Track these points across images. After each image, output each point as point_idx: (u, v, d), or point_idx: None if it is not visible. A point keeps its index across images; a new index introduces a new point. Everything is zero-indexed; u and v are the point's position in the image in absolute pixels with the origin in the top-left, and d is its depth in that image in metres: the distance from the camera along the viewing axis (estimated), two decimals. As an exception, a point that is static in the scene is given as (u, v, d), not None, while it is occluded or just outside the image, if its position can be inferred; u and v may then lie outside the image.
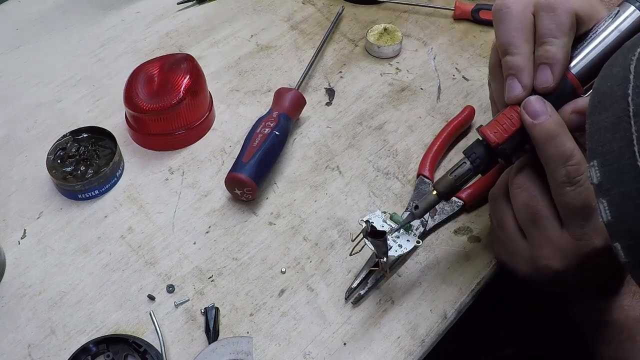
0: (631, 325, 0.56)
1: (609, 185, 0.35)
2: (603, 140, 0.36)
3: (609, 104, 0.36)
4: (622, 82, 0.35)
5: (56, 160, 0.70)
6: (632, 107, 0.34)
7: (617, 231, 0.35)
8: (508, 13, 0.53)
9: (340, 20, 0.88)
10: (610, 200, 0.35)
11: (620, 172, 0.34)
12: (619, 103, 0.35)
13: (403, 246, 0.58)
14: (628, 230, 0.34)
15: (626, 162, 0.34)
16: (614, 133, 0.35)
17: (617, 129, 0.35)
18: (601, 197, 0.36)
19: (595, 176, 0.36)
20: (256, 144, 0.66)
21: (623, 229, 0.35)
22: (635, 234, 0.34)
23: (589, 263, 0.52)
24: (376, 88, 0.79)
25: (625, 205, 0.34)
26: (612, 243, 0.36)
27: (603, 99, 0.37)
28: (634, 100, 0.34)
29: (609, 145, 0.35)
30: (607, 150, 0.35)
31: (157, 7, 0.92)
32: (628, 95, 0.35)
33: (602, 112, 0.36)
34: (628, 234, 0.35)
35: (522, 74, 0.52)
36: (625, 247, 0.35)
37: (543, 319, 0.74)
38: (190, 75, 0.71)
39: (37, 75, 0.83)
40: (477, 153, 0.54)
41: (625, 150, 0.34)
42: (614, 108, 0.35)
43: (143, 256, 0.64)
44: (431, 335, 0.58)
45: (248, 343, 0.57)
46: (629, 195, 0.34)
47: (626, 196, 0.34)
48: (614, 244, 0.36)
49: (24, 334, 0.59)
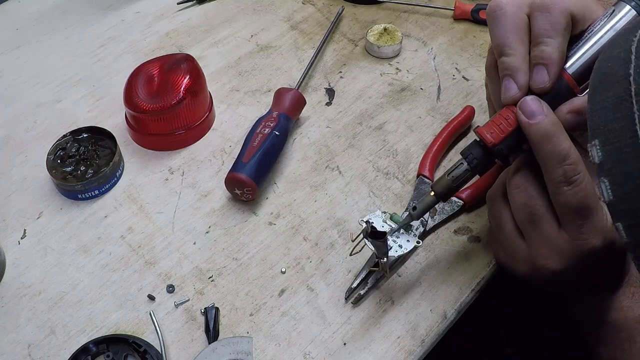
0: (630, 326, 0.56)
1: (610, 164, 0.35)
2: (604, 120, 0.36)
3: (610, 84, 0.36)
4: (624, 63, 0.35)
5: (56, 160, 0.70)
6: (634, 86, 0.34)
7: (619, 211, 0.35)
8: (502, 14, 0.53)
9: (340, 20, 0.88)
10: (612, 179, 0.35)
11: (621, 151, 0.34)
12: (620, 83, 0.35)
13: (403, 246, 0.58)
14: (630, 210, 0.34)
15: (628, 141, 0.34)
16: (615, 113, 0.35)
17: (619, 109, 0.35)
18: (603, 176, 0.36)
19: (596, 155, 0.36)
20: (256, 144, 0.66)
21: (625, 208, 0.35)
22: (637, 213, 0.34)
23: (587, 263, 0.52)
24: (376, 88, 0.79)
25: (627, 185, 0.34)
26: (614, 223, 0.36)
27: (604, 79, 0.37)
28: (635, 80, 0.34)
29: (610, 124, 0.35)
30: (609, 130, 0.35)
31: (157, 7, 0.92)
32: (629, 75, 0.35)
33: (603, 92, 0.36)
34: (630, 214, 0.34)
35: (518, 74, 0.53)
36: (627, 226, 0.35)
37: (543, 319, 0.74)
38: (190, 75, 0.71)
39: (37, 75, 0.83)
40: (474, 154, 0.54)
41: (626, 129, 0.34)
42: (615, 88, 0.35)
43: (143, 256, 0.64)
44: (431, 335, 0.58)
45: (248, 343, 0.57)
46: (630, 174, 0.34)
47: (628, 175, 0.34)
48: (615, 223, 0.35)
49: (24, 334, 0.59)
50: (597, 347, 0.58)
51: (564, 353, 0.71)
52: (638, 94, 0.34)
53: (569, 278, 0.53)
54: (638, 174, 0.33)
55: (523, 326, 0.77)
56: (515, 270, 0.57)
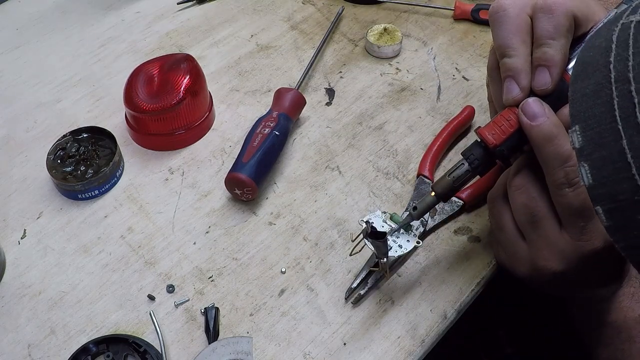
0: (630, 327, 0.56)
1: (590, 149, 0.36)
2: (585, 106, 0.37)
3: (591, 71, 0.37)
4: (605, 52, 0.36)
5: (56, 160, 0.70)
6: (614, 73, 0.35)
7: (598, 194, 0.36)
8: (505, 15, 0.53)
9: (340, 20, 0.88)
10: (592, 164, 0.36)
11: (601, 136, 0.35)
12: (601, 71, 0.36)
13: (403, 246, 0.58)
14: (609, 193, 0.35)
15: (607, 126, 0.35)
16: (596, 99, 0.36)
17: (599, 95, 0.36)
18: (582, 160, 0.37)
19: (577, 141, 0.37)
20: (256, 144, 0.66)
21: (604, 192, 0.35)
22: (616, 197, 0.35)
23: (589, 264, 0.52)
24: (376, 88, 0.79)
25: (606, 169, 0.35)
26: (594, 207, 0.36)
27: (585, 68, 0.38)
28: (615, 67, 0.35)
29: (590, 110, 0.36)
30: (589, 116, 0.36)
31: (157, 7, 0.92)
32: (610, 63, 0.35)
33: (584, 80, 0.37)
34: (608, 197, 0.35)
35: (520, 75, 0.53)
36: (606, 210, 0.36)
37: (543, 319, 0.74)
38: (190, 75, 0.71)
39: (37, 75, 0.83)
40: (475, 154, 0.54)
41: (606, 115, 0.35)
42: (595, 75, 0.36)
43: (143, 256, 0.64)
44: (431, 335, 0.58)
45: (248, 343, 0.57)
46: (609, 158, 0.35)
47: (607, 159, 0.35)
48: (595, 207, 0.36)
49: (24, 334, 0.59)
50: (597, 348, 0.59)
51: (564, 353, 0.71)
52: (618, 81, 0.35)
53: (570, 279, 0.53)
54: (617, 157, 0.34)
55: (523, 326, 0.77)
56: (516, 271, 0.57)
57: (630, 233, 0.35)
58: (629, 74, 0.34)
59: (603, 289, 0.57)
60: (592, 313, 0.58)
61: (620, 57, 0.35)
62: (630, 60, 0.34)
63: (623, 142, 0.34)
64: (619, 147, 0.34)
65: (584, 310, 0.59)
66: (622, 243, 0.36)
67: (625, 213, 0.34)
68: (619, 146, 0.34)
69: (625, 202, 0.34)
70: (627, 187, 0.34)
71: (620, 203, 0.34)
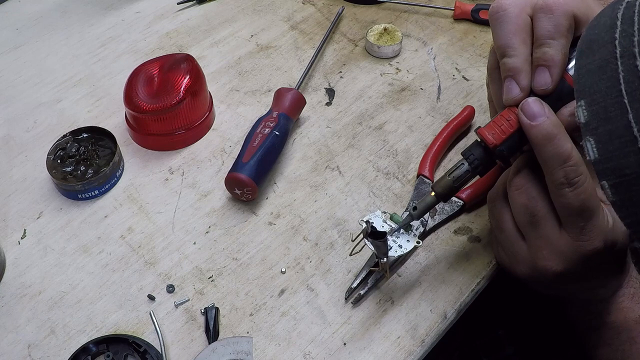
0: (630, 327, 0.56)
1: (595, 123, 0.36)
2: (590, 81, 0.37)
3: (596, 48, 0.37)
4: (610, 29, 0.36)
5: (56, 160, 0.70)
6: (619, 49, 0.35)
7: (604, 169, 0.36)
8: (505, 15, 0.53)
9: (340, 20, 0.88)
10: (597, 138, 0.36)
11: (606, 110, 0.35)
12: (606, 47, 0.36)
13: (403, 246, 0.58)
14: (615, 168, 0.35)
15: (613, 101, 0.35)
16: (601, 74, 0.36)
17: (604, 70, 0.36)
18: (588, 135, 0.36)
19: (582, 115, 0.37)
20: (256, 144, 0.66)
21: (610, 166, 0.35)
22: (622, 172, 0.34)
23: (588, 264, 0.52)
24: (376, 88, 0.79)
25: (612, 143, 0.35)
26: (599, 182, 0.36)
27: (590, 45, 0.38)
28: (620, 43, 0.35)
29: (596, 85, 0.36)
30: (595, 91, 0.36)
31: (157, 7, 0.92)
32: (615, 39, 0.35)
33: (589, 56, 0.37)
34: (614, 172, 0.35)
35: (520, 75, 0.53)
36: (612, 185, 0.35)
37: (543, 319, 0.74)
38: (190, 75, 0.71)
39: (37, 75, 0.83)
40: (475, 154, 0.54)
41: (612, 89, 0.35)
42: (601, 52, 0.36)
43: (143, 256, 0.64)
44: (431, 335, 0.58)
45: (248, 343, 0.57)
46: (615, 132, 0.35)
47: (612, 133, 0.35)
48: (601, 182, 0.36)
49: (24, 334, 0.59)
50: (597, 348, 0.58)
51: (564, 353, 0.71)
52: (623, 56, 0.35)
53: (570, 279, 0.53)
54: (623, 131, 0.34)
55: (523, 326, 0.77)
56: (516, 272, 0.57)
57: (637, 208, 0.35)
58: (634, 49, 0.34)
59: (603, 289, 0.57)
60: (592, 313, 0.58)
61: (625, 33, 0.35)
62: (636, 36, 0.34)
63: (629, 116, 0.34)
64: (625, 121, 0.34)
65: (584, 311, 0.59)
66: (629, 219, 0.35)
67: (632, 187, 0.34)
68: (625, 120, 0.34)
69: (632, 176, 0.34)
70: (634, 161, 0.34)
71: (627, 177, 0.34)
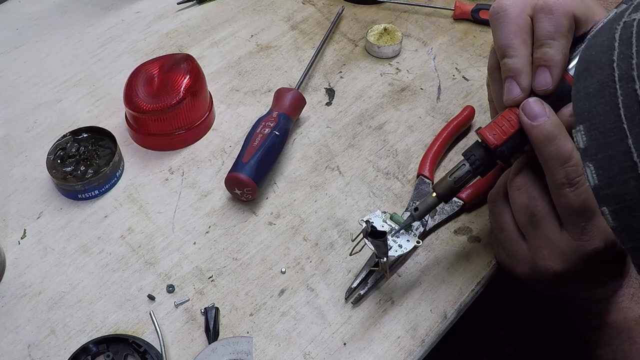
0: (630, 327, 0.56)
1: (595, 149, 0.35)
2: (588, 106, 0.36)
3: (594, 70, 0.36)
4: (607, 50, 0.36)
5: (56, 160, 0.70)
6: (617, 72, 0.34)
7: (604, 195, 0.35)
8: (505, 16, 0.53)
9: (340, 20, 0.88)
10: (597, 164, 0.35)
11: (606, 135, 0.35)
12: (604, 69, 0.35)
13: (403, 246, 0.58)
14: (615, 194, 0.35)
15: (612, 126, 0.34)
16: (600, 98, 0.35)
17: (603, 94, 0.35)
18: (587, 161, 0.36)
19: (581, 141, 0.36)
20: (256, 144, 0.66)
21: (610, 192, 0.35)
22: (622, 197, 0.34)
23: (589, 264, 0.52)
24: (376, 88, 0.79)
25: (612, 169, 0.34)
26: (600, 207, 0.36)
27: (588, 67, 0.37)
28: (619, 65, 0.34)
29: (594, 110, 0.36)
30: (593, 115, 0.36)
31: (157, 7, 0.92)
32: (613, 62, 0.35)
33: (587, 79, 0.37)
34: (615, 198, 0.35)
35: (520, 76, 0.53)
36: (612, 211, 0.35)
37: (543, 319, 0.74)
38: (190, 75, 0.71)
39: (37, 75, 0.83)
40: (476, 155, 0.54)
41: (610, 114, 0.34)
42: (599, 74, 0.36)
43: (143, 256, 0.64)
44: (431, 335, 0.58)
45: (248, 343, 0.57)
46: (615, 158, 0.34)
47: (612, 159, 0.34)
48: (601, 208, 0.36)
49: (24, 334, 0.59)
50: (597, 348, 0.58)
51: (564, 353, 0.71)
52: (622, 79, 0.34)
53: (570, 279, 0.53)
54: (623, 157, 0.34)
55: (523, 326, 0.77)
56: (516, 271, 0.57)
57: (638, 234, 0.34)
58: (633, 72, 0.33)
59: (603, 289, 0.57)
60: (592, 313, 0.58)
61: (623, 55, 0.34)
62: (634, 59, 0.33)
63: (629, 141, 0.33)
64: (624, 147, 0.33)
65: (584, 311, 0.59)
66: (630, 244, 0.35)
67: (632, 213, 0.34)
68: (624, 145, 0.33)
69: (632, 202, 0.34)
70: (634, 187, 0.33)
71: (627, 203, 0.34)
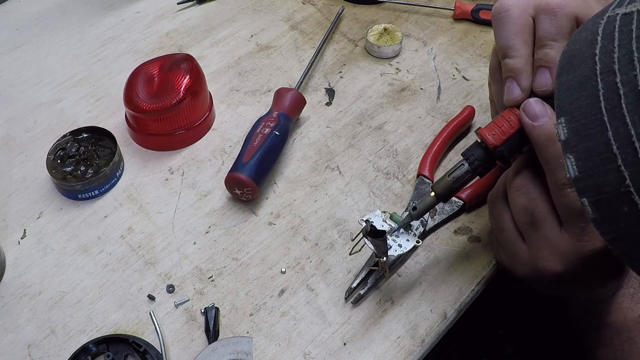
0: (630, 327, 0.56)
1: (576, 141, 0.36)
2: (570, 98, 0.37)
3: (576, 64, 0.37)
4: (590, 44, 0.36)
5: (56, 160, 0.70)
6: (599, 65, 0.35)
7: (584, 186, 0.36)
8: (507, 16, 0.53)
9: (340, 20, 0.88)
10: (577, 155, 0.36)
11: (586, 127, 0.35)
12: (587, 63, 0.36)
13: (403, 246, 0.58)
14: (595, 185, 0.35)
15: (592, 118, 0.35)
16: (581, 91, 0.36)
17: (584, 87, 0.36)
18: (568, 152, 0.36)
19: (562, 133, 0.37)
20: (256, 144, 0.66)
21: (590, 183, 0.35)
22: (602, 189, 0.35)
23: (589, 264, 0.52)
24: (376, 88, 0.79)
25: (592, 160, 0.35)
26: (580, 199, 0.36)
27: (571, 60, 0.38)
28: (600, 59, 0.35)
29: (576, 102, 0.36)
30: (575, 108, 0.36)
31: (157, 7, 0.92)
32: (595, 55, 0.35)
33: (570, 72, 0.37)
34: (595, 189, 0.35)
35: (521, 76, 0.53)
36: (592, 202, 0.35)
37: (543, 319, 0.74)
38: (190, 75, 0.71)
39: (37, 75, 0.83)
40: (476, 155, 0.54)
41: (592, 106, 0.35)
42: (581, 68, 0.36)
43: (143, 256, 0.64)
44: (431, 335, 0.58)
45: (248, 343, 0.57)
46: (595, 149, 0.35)
47: (593, 151, 0.35)
48: (581, 199, 0.36)
49: (24, 334, 0.59)
50: (596, 348, 0.58)
51: (564, 353, 0.71)
52: (603, 73, 0.35)
53: (570, 279, 0.53)
54: (603, 149, 0.34)
55: (523, 326, 0.77)
56: (516, 272, 0.57)
57: (617, 225, 0.35)
58: (614, 65, 0.34)
59: (603, 289, 0.57)
60: (592, 313, 0.58)
61: (605, 49, 0.35)
62: (616, 52, 0.34)
63: (609, 134, 0.34)
64: (604, 139, 0.34)
65: (584, 311, 0.59)
66: (610, 235, 0.36)
67: (612, 205, 0.34)
68: (604, 137, 0.34)
69: (612, 194, 0.34)
70: (613, 179, 0.34)
71: (607, 194, 0.34)
